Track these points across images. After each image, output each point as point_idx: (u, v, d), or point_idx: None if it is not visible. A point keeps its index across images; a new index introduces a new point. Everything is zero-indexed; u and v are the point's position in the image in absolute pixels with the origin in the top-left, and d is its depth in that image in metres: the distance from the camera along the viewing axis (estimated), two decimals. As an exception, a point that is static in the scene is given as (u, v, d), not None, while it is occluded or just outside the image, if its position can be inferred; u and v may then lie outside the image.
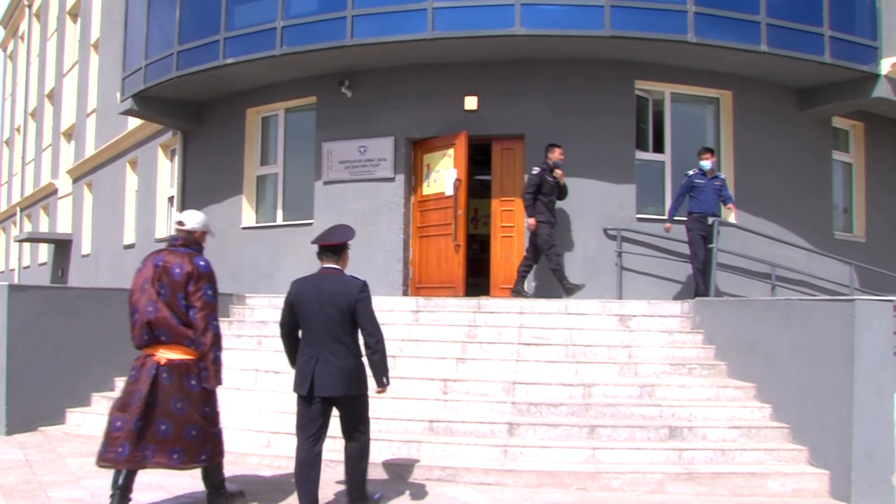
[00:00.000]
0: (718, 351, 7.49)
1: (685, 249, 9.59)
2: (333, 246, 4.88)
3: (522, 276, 9.36)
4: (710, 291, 9.06)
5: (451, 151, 9.88)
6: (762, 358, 6.60)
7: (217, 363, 4.68)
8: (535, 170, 9.16)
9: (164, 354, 4.57)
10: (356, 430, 4.80)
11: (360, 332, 4.73)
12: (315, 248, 4.91)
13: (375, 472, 5.69)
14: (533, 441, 6.01)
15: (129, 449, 4.41)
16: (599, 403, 6.48)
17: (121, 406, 4.53)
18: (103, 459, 4.49)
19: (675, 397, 6.65)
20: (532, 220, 9.11)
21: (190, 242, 4.82)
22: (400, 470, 5.69)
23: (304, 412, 4.68)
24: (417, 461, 5.81)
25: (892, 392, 5.25)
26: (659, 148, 10.27)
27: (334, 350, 4.62)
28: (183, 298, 4.59)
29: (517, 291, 9.25)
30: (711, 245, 9.09)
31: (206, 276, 4.68)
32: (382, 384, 4.75)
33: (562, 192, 9.31)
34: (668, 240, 9.59)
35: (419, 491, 5.35)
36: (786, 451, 5.83)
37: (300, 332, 4.81)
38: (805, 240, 10.31)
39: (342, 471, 5.01)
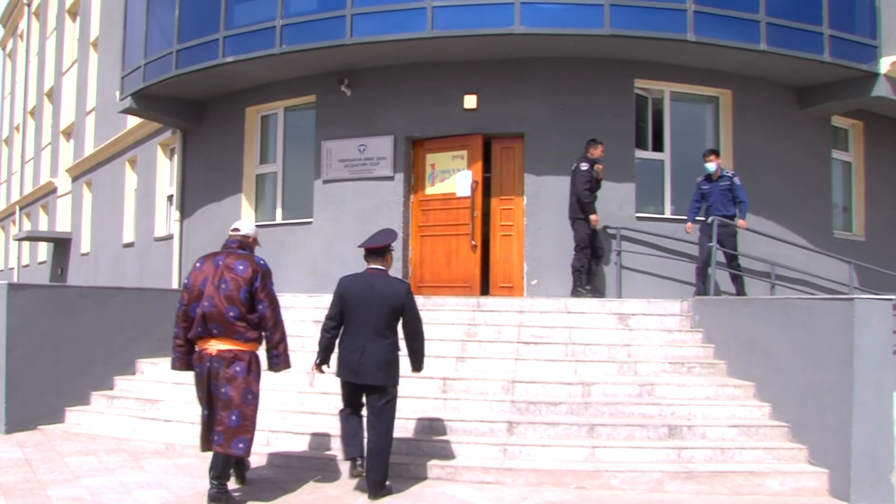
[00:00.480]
0: (718, 350, 7.49)
1: (684, 248, 9.60)
2: (378, 249, 5.48)
3: (587, 272, 9.22)
4: (709, 291, 9.04)
5: (464, 153, 9.92)
6: (762, 357, 6.60)
7: (286, 349, 5.21)
8: (584, 165, 9.08)
9: (215, 346, 5.00)
10: (382, 415, 5.24)
11: (400, 326, 5.33)
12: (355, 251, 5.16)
13: (375, 471, 5.70)
14: (532, 440, 6.01)
15: (216, 434, 4.91)
16: (599, 402, 6.48)
17: (199, 400, 5.12)
18: (203, 448, 5.07)
19: (674, 396, 6.65)
20: (594, 217, 9.02)
21: (244, 245, 5.35)
22: (399, 468, 5.69)
23: (348, 393, 5.37)
24: (417, 459, 5.80)
25: (892, 391, 5.25)
26: (658, 147, 10.27)
27: (378, 344, 5.21)
28: (245, 293, 5.04)
29: (587, 290, 9.12)
30: (710, 244, 9.03)
31: (269, 274, 5.27)
32: (419, 369, 5.55)
33: (598, 186, 9.30)
34: (668, 239, 9.59)
35: (419, 489, 5.34)
36: (785, 450, 5.83)
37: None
38: (804, 238, 10.31)
39: (342, 469, 5.16)
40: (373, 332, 5.22)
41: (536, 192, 9.71)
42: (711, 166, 9.27)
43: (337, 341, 5.38)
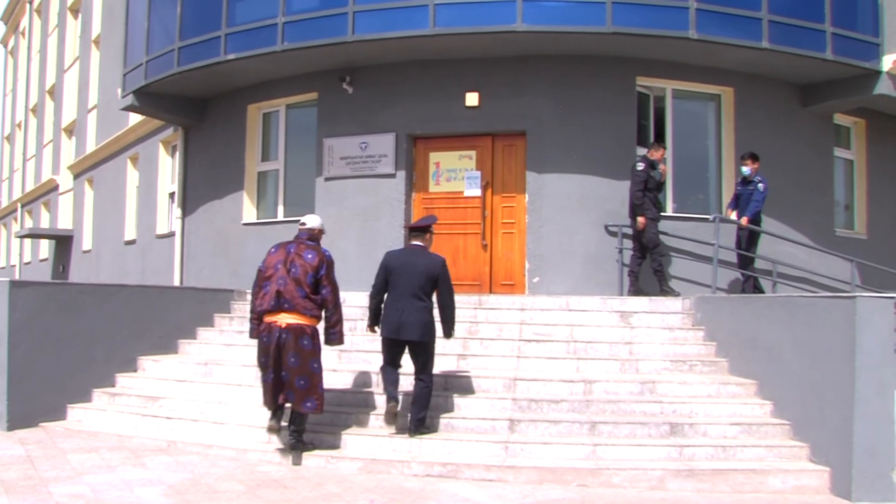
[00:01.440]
0: (719, 347, 7.49)
1: (685, 246, 9.61)
2: (420, 228, 6.46)
3: (636, 274, 9.17)
4: (746, 290, 9.23)
5: (472, 153, 9.94)
6: (763, 355, 6.60)
7: (342, 329, 6.14)
8: (640, 165, 9.05)
9: (285, 319, 5.81)
10: (424, 371, 6.13)
11: (435, 294, 6.20)
12: None
13: (377, 467, 5.70)
14: (534, 437, 6.01)
15: (271, 396, 5.84)
16: (600, 400, 6.48)
17: (262, 367, 5.91)
18: (268, 406, 5.91)
19: (676, 394, 6.65)
20: (642, 219, 8.99)
21: (313, 237, 6.19)
22: (401, 466, 5.70)
23: (389, 349, 6.24)
24: (418, 457, 5.81)
25: (893, 389, 5.25)
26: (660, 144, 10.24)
27: (415, 306, 6.07)
28: (312, 278, 5.89)
29: (636, 291, 9.07)
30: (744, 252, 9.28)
31: (332, 264, 6.09)
32: (450, 335, 6.38)
33: (661, 187, 9.31)
34: (670, 237, 9.59)
35: (420, 487, 5.35)
36: (787, 448, 5.83)
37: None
38: (806, 236, 10.30)
39: (342, 466, 5.09)
40: (411, 296, 6.08)
41: (538, 189, 9.71)
42: (746, 169, 9.36)
43: (382, 306, 6.26)
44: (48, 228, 23.49)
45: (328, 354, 7.40)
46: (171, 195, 14.04)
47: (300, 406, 5.81)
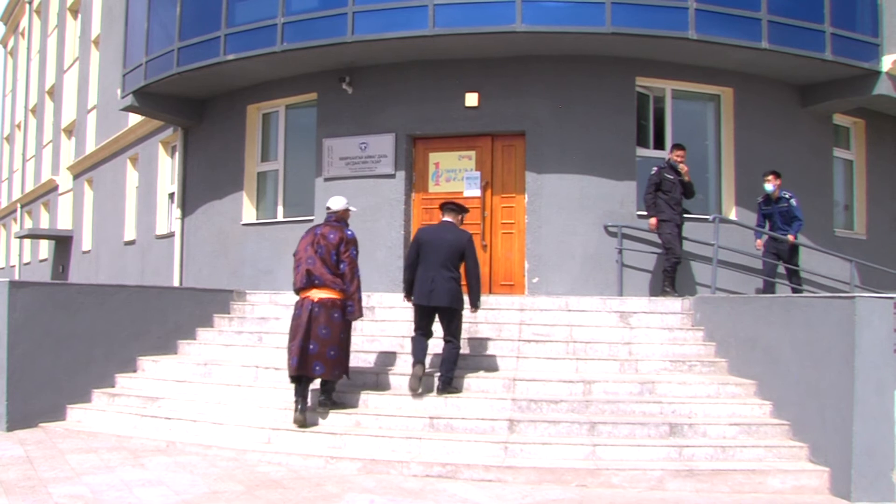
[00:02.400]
0: (719, 348, 7.49)
1: (685, 247, 9.58)
2: (455, 207, 7.11)
3: (671, 274, 9.18)
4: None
5: (472, 154, 9.94)
6: (762, 355, 6.60)
7: (360, 301, 6.63)
8: (654, 169, 9.21)
9: (317, 294, 6.46)
10: (452, 335, 6.75)
11: (462, 266, 6.82)
12: None
13: (377, 467, 5.70)
14: (533, 438, 6.01)
15: (297, 361, 6.29)
16: (600, 400, 6.49)
17: (292, 335, 6.45)
18: (290, 373, 6.37)
19: (675, 394, 6.65)
20: (653, 221, 9.07)
21: (339, 219, 6.79)
22: (400, 467, 5.70)
23: (420, 316, 6.85)
24: (418, 458, 5.81)
25: (893, 389, 5.25)
26: (660, 145, 10.24)
27: (444, 276, 6.69)
28: (335, 255, 6.53)
29: (666, 292, 9.09)
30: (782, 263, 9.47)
31: (352, 242, 6.67)
32: (476, 306, 6.92)
33: (687, 189, 9.29)
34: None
35: (420, 487, 5.35)
36: (786, 448, 5.83)
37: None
38: (806, 237, 10.29)
39: (341, 467, 5.13)
40: (440, 266, 6.70)
41: (538, 190, 9.71)
42: (769, 186, 9.48)
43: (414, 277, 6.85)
44: (48, 229, 23.48)
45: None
46: (171, 196, 14.04)
47: (330, 374, 6.41)
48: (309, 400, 6.43)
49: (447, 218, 7.03)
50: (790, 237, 9.32)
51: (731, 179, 10.25)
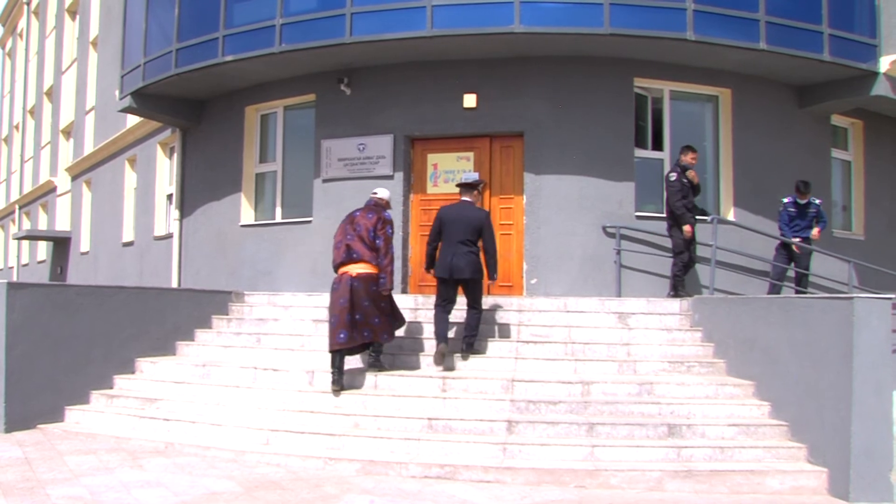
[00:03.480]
0: (717, 349, 7.50)
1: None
2: (468, 185, 7.63)
3: (682, 277, 9.21)
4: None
5: (470, 155, 9.94)
6: (761, 356, 6.60)
7: (391, 275, 7.14)
8: (673, 175, 9.10)
9: (356, 269, 7.03)
10: (475, 303, 7.41)
11: (481, 241, 7.39)
12: None
13: (376, 468, 5.70)
14: (532, 439, 6.01)
15: (346, 334, 6.85)
16: (598, 401, 6.49)
17: (332, 309, 7.02)
18: (333, 345, 6.88)
19: (673, 395, 6.65)
20: (688, 228, 8.97)
21: (377, 204, 7.42)
22: (399, 468, 5.69)
23: (443, 289, 7.42)
24: (416, 459, 5.80)
25: (891, 390, 5.26)
26: (658, 146, 10.26)
27: (464, 250, 7.29)
28: (372, 234, 7.09)
29: (680, 295, 9.01)
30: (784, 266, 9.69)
31: (389, 222, 7.28)
32: (493, 279, 7.51)
33: (696, 191, 9.33)
34: (668, 238, 9.58)
35: (418, 489, 5.35)
36: (784, 449, 5.83)
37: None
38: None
39: (340, 468, 5.16)
40: (460, 242, 7.29)
41: (536, 190, 9.71)
42: (801, 200, 9.81)
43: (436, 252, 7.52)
44: (46, 230, 23.46)
45: (326, 356, 7.40)
46: (169, 197, 14.03)
47: (379, 338, 7.12)
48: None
49: (465, 197, 7.58)
50: (815, 231, 9.64)
51: (730, 180, 10.26)
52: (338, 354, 6.87)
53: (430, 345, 7.67)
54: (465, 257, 7.26)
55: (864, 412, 5.22)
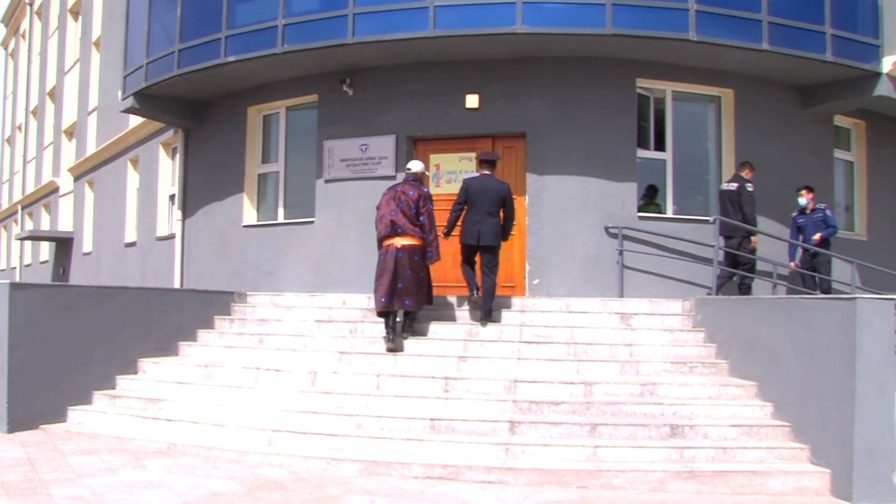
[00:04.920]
0: (720, 349, 7.49)
1: (686, 248, 9.63)
2: (488, 161, 8.35)
3: (722, 285, 9.46)
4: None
5: (472, 155, 9.92)
6: (763, 356, 6.60)
7: (438, 248, 7.96)
8: (750, 186, 9.44)
9: (400, 241, 7.73)
10: (491, 269, 8.09)
11: (503, 211, 8.12)
12: None
13: (378, 469, 5.69)
14: (534, 439, 6.01)
15: (387, 299, 7.59)
16: (601, 402, 6.48)
17: (378, 277, 7.76)
18: (378, 308, 7.72)
19: (676, 395, 6.64)
20: (756, 238, 9.48)
21: (417, 179, 8.06)
22: (401, 468, 5.69)
23: (467, 254, 8.29)
24: (419, 459, 5.80)
25: (894, 390, 5.25)
26: (660, 146, 10.25)
27: (488, 220, 8.04)
28: (414, 209, 7.76)
29: None
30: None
31: (429, 198, 7.95)
32: (506, 238, 8.33)
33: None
34: (670, 238, 9.60)
35: (420, 489, 5.35)
36: (787, 450, 5.83)
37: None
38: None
39: (342, 468, 5.18)
40: (485, 213, 8.02)
41: (538, 191, 9.71)
42: (803, 200, 9.98)
43: (460, 221, 8.24)
44: (48, 231, 23.51)
45: (328, 356, 7.50)
46: (172, 197, 14.05)
47: (417, 306, 7.78)
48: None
49: (486, 171, 8.27)
50: (817, 235, 9.71)
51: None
52: (387, 316, 7.65)
53: (431, 347, 7.68)
54: (490, 226, 8.00)
55: (867, 413, 5.21)
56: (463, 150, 10.14)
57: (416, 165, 8.17)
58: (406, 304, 7.67)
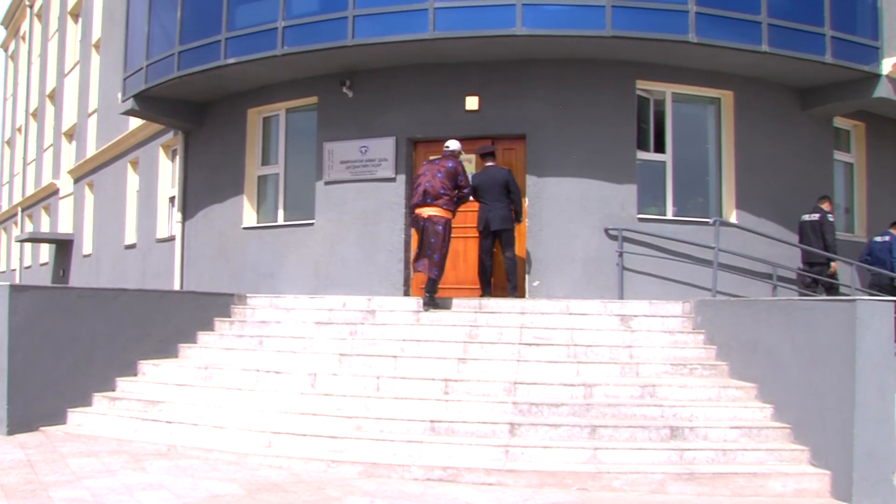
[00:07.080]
0: (720, 351, 7.49)
1: (686, 250, 9.63)
2: (487, 153, 9.26)
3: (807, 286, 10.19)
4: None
5: (472, 157, 9.92)
6: (763, 358, 6.59)
7: (463, 201, 8.81)
8: (831, 217, 10.09)
9: (427, 211, 8.47)
10: (509, 248, 9.07)
11: (510, 195, 9.00)
12: None
13: (378, 471, 5.69)
14: (534, 441, 6.00)
15: (423, 264, 8.51)
16: (601, 404, 6.48)
17: (417, 244, 8.69)
18: (415, 271, 9.01)
19: (676, 397, 6.64)
20: (835, 265, 10.10)
21: (454, 155, 8.77)
22: (401, 470, 5.69)
23: (484, 240, 9.15)
24: (419, 461, 5.80)
25: (894, 392, 5.25)
26: (660, 148, 10.26)
27: (498, 206, 8.94)
28: (452, 180, 8.52)
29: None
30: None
31: (464, 170, 8.69)
32: (519, 221, 9.18)
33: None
34: (670, 240, 9.60)
35: (420, 491, 5.34)
36: (787, 452, 5.82)
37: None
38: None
39: (342, 470, 5.15)
40: (494, 199, 8.93)
41: (538, 193, 9.72)
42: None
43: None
44: (48, 232, 23.53)
45: (328, 358, 7.49)
46: (172, 199, 14.06)
47: (430, 272, 8.45)
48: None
49: (488, 163, 9.15)
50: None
51: (732, 182, 10.25)
52: (430, 282, 8.48)
53: (430, 348, 7.67)
54: (499, 212, 8.87)
55: (867, 414, 5.21)
56: (463, 152, 10.13)
57: (453, 144, 8.85)
58: (420, 265, 8.50)
